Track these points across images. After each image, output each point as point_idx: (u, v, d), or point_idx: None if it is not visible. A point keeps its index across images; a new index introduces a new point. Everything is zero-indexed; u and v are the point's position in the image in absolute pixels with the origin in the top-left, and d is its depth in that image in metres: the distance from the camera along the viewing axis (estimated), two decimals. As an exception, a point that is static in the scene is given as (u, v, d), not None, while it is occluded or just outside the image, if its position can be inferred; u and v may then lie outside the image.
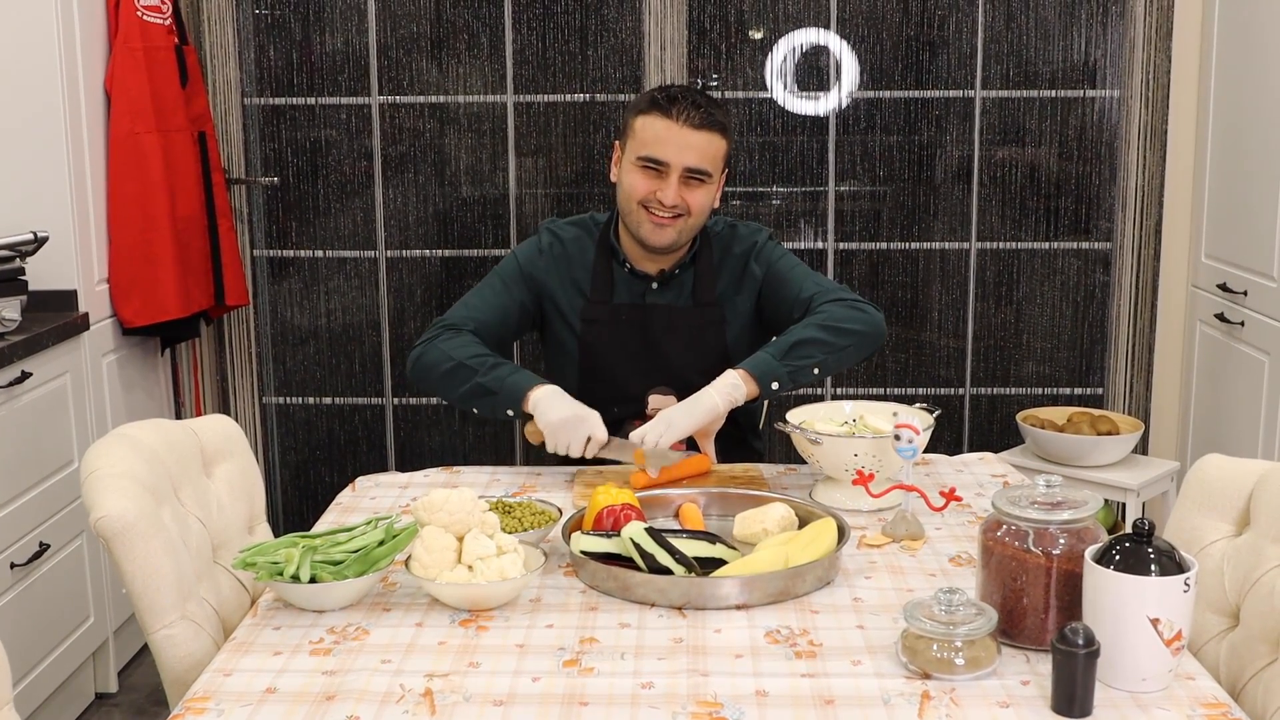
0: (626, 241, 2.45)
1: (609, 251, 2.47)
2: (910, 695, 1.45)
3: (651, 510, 1.99)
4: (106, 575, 3.19)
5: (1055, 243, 3.84)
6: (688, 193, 2.34)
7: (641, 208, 2.35)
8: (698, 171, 2.33)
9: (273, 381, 3.99)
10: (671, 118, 2.31)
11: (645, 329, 2.44)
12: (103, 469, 1.74)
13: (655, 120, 2.33)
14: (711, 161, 2.35)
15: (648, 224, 2.36)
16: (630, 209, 2.38)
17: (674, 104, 2.32)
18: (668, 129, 2.31)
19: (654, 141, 2.32)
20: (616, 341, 2.43)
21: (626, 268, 2.46)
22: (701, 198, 2.36)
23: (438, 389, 2.36)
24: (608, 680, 1.49)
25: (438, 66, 3.81)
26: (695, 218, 2.37)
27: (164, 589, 1.71)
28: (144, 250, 3.32)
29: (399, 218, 3.89)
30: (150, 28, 3.33)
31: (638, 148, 2.35)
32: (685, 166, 2.32)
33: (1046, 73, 3.76)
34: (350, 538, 1.74)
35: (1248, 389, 3.25)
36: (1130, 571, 1.44)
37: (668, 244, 2.38)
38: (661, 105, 2.33)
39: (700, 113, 2.32)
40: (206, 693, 1.48)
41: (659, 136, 2.32)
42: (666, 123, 2.31)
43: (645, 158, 2.34)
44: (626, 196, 2.38)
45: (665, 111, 2.32)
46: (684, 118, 2.31)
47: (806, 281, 2.43)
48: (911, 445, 1.94)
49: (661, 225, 2.35)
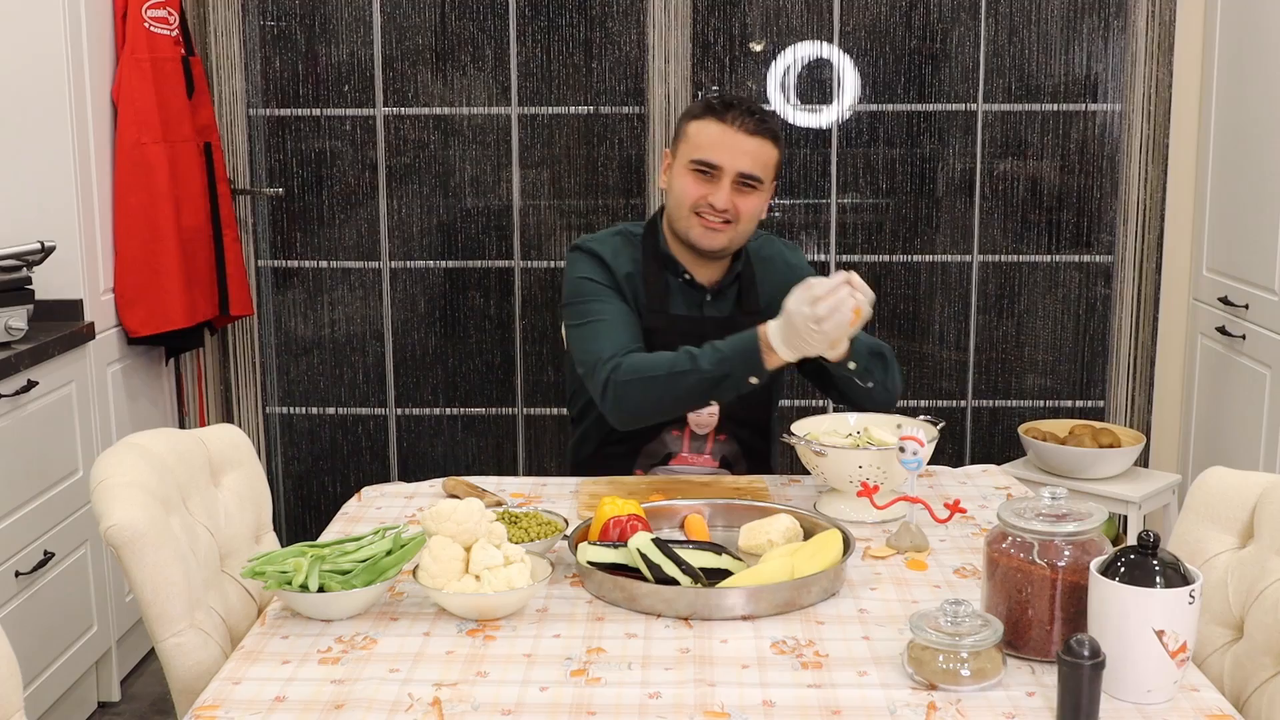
0: (679, 250, 2.45)
1: (661, 261, 2.45)
2: (916, 706, 1.46)
3: (657, 521, 2.00)
4: (110, 584, 3.20)
5: (1057, 256, 3.86)
6: (739, 198, 2.35)
7: (693, 213, 2.36)
8: (750, 177, 2.34)
9: (276, 391, 4.00)
10: (726, 123, 2.33)
11: (703, 340, 2.38)
12: (113, 478, 1.75)
13: (710, 125, 2.34)
14: (763, 168, 2.36)
15: (698, 228, 2.36)
16: (681, 214, 2.38)
17: (729, 110, 2.34)
18: (722, 133, 2.33)
19: (708, 145, 2.34)
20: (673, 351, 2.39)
21: (683, 278, 2.45)
22: (752, 204, 2.37)
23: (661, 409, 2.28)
24: (615, 690, 1.50)
25: (442, 78, 3.83)
26: (745, 224, 2.38)
27: (173, 597, 1.72)
28: (149, 260, 3.33)
29: (403, 229, 3.90)
30: (157, 39, 3.34)
31: (691, 151, 2.36)
32: (738, 171, 2.33)
33: (1048, 87, 3.77)
34: (358, 547, 1.75)
35: (1249, 402, 3.26)
36: (1135, 583, 1.45)
37: (719, 248, 2.38)
38: (716, 110, 2.34)
39: (754, 119, 2.34)
40: (215, 701, 1.49)
41: (713, 141, 2.33)
42: (721, 127, 2.33)
43: (699, 161, 2.34)
44: (678, 202, 2.38)
45: (720, 116, 2.33)
46: (738, 123, 2.32)
47: None
48: (916, 457, 1.95)
49: (713, 230, 2.36)
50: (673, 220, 2.42)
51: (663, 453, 2.44)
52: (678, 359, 2.22)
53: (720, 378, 2.18)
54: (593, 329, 2.36)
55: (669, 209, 2.43)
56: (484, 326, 3.94)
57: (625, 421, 2.31)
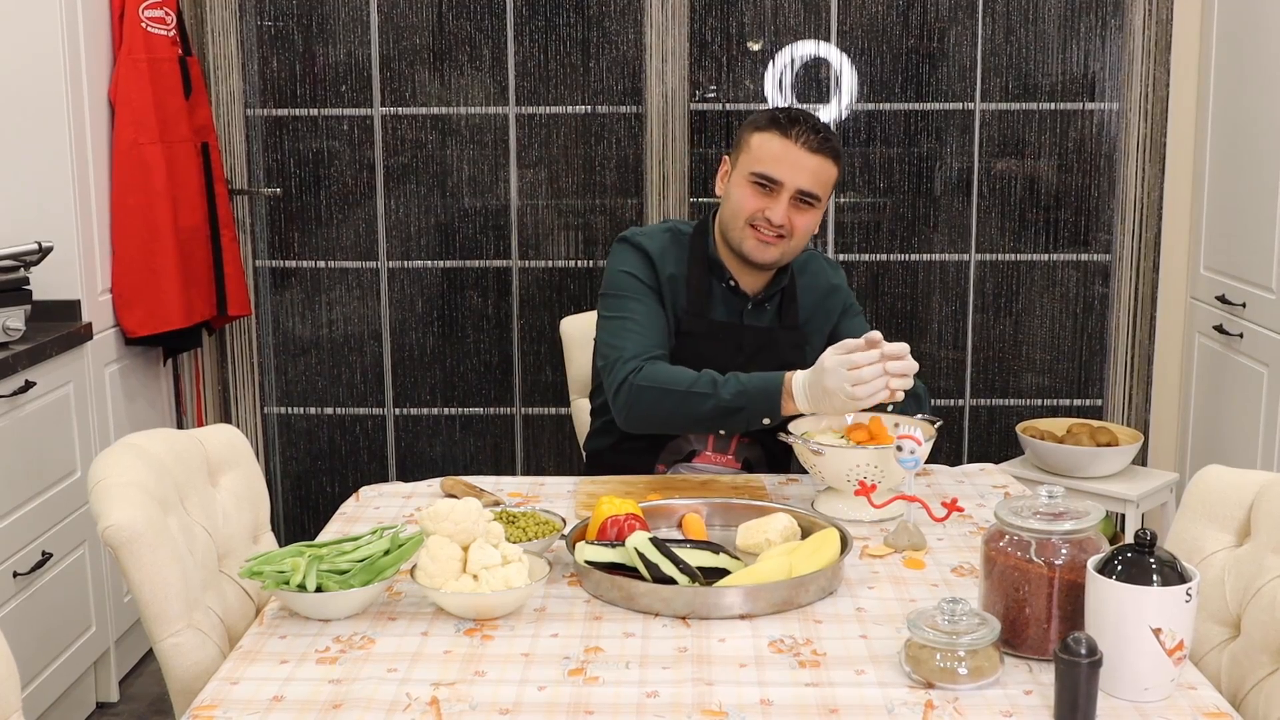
0: (727, 256, 2.44)
1: (707, 265, 2.45)
2: (914, 705, 1.46)
3: (655, 520, 2.00)
4: (109, 585, 3.20)
5: (1055, 255, 3.86)
6: (795, 214, 2.34)
7: (748, 225, 2.35)
8: (808, 195, 2.33)
9: (274, 391, 4.00)
10: (790, 138, 2.31)
11: (739, 348, 2.42)
12: (110, 478, 1.75)
13: (773, 139, 2.32)
14: (823, 186, 2.35)
15: (752, 240, 2.35)
16: (736, 225, 2.37)
17: (794, 125, 2.32)
18: (785, 149, 2.31)
19: (770, 159, 2.32)
20: (709, 357, 2.37)
21: (728, 284, 2.44)
22: (808, 221, 2.36)
23: (669, 423, 2.29)
24: (613, 689, 1.50)
25: (440, 78, 3.83)
26: (798, 240, 2.37)
27: (171, 597, 1.72)
28: (147, 260, 3.33)
29: (401, 229, 3.90)
30: (154, 39, 3.34)
31: (752, 163, 2.34)
32: (798, 188, 2.32)
33: (1046, 85, 3.77)
34: (356, 547, 1.75)
35: (1247, 400, 3.27)
36: (1132, 582, 1.45)
37: (771, 261, 2.38)
38: (781, 125, 2.33)
39: (818, 137, 2.32)
40: (214, 701, 1.49)
41: (775, 155, 2.32)
42: (784, 142, 2.31)
43: (759, 174, 2.33)
44: (734, 212, 2.37)
45: (784, 131, 2.32)
46: (802, 140, 2.31)
47: None
48: (914, 456, 1.95)
49: (766, 243, 2.35)
50: (726, 228, 2.40)
51: (686, 450, 2.44)
52: (699, 380, 2.23)
53: (735, 410, 2.19)
54: (622, 325, 2.37)
55: (723, 217, 2.41)
56: (482, 326, 3.94)
57: (632, 425, 2.31)
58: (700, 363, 2.30)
